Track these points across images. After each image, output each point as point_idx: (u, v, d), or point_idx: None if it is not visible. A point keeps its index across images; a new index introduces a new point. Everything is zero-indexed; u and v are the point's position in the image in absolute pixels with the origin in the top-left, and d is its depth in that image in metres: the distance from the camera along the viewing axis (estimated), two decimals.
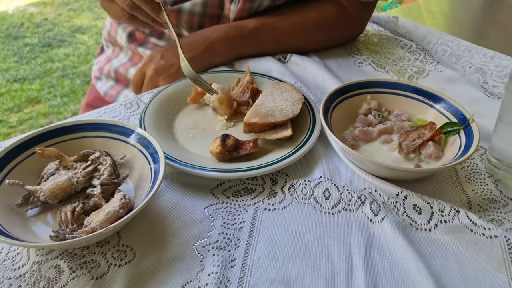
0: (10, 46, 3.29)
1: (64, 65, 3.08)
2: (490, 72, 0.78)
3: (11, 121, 2.56)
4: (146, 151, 0.52)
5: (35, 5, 3.89)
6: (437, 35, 0.88)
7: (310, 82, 0.75)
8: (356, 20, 0.85)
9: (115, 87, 0.95)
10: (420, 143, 0.59)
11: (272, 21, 0.79)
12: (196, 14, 0.81)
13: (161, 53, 0.78)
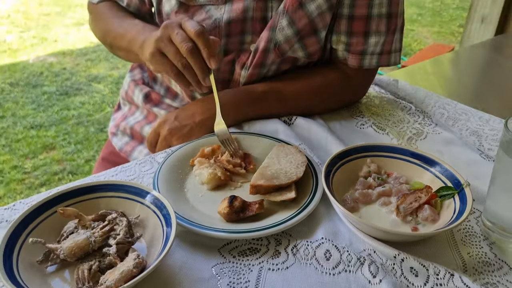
0: (29, 94, 3.43)
1: (79, 113, 3.19)
2: (485, 136, 0.82)
3: (26, 167, 2.63)
4: (159, 213, 0.56)
5: (55, 55, 4.08)
6: (435, 98, 0.94)
7: (314, 144, 0.79)
8: (358, 86, 0.91)
9: (130, 143, 1.01)
10: (417, 206, 0.62)
11: (279, 85, 0.85)
12: None
13: (176, 115, 0.83)
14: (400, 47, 0.91)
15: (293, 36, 0.83)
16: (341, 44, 0.86)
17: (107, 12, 0.94)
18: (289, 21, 0.81)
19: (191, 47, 0.68)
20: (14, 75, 3.72)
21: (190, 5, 0.84)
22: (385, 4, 0.83)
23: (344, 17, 0.83)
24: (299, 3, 0.80)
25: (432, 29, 4.44)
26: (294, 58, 0.87)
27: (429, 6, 5.03)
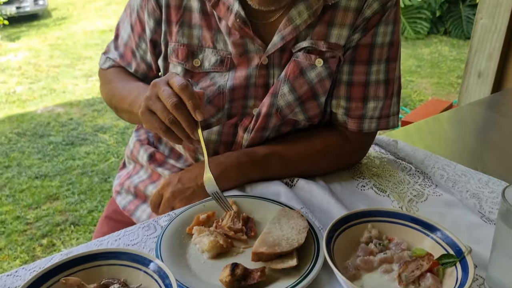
0: (36, 144, 3.48)
1: (84, 162, 3.22)
2: (485, 198, 0.83)
3: (29, 218, 2.63)
4: (162, 282, 0.57)
5: (62, 106, 4.18)
6: (434, 159, 0.95)
7: (315, 207, 0.80)
8: (358, 148, 0.93)
9: (134, 201, 1.02)
10: (419, 274, 0.62)
11: (281, 148, 0.87)
12: (212, 142, 0.90)
13: (179, 177, 0.85)
14: (398, 110, 0.93)
15: (294, 101, 0.86)
16: (340, 108, 0.89)
17: (115, 77, 0.98)
18: (290, 88, 0.85)
19: (176, 101, 0.69)
20: (22, 125, 3.79)
21: (195, 72, 0.87)
22: (382, 71, 0.86)
23: (343, 83, 0.87)
24: (299, 71, 0.84)
25: (431, 80, 4.54)
26: (295, 120, 0.90)
27: (427, 58, 5.17)
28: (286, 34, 0.82)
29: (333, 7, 0.82)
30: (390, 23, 0.85)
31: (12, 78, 4.90)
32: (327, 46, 0.83)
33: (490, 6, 1.94)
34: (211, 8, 0.83)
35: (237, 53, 0.85)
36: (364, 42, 0.84)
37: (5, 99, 4.34)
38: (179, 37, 0.87)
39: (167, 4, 0.86)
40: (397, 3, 0.85)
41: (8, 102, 4.27)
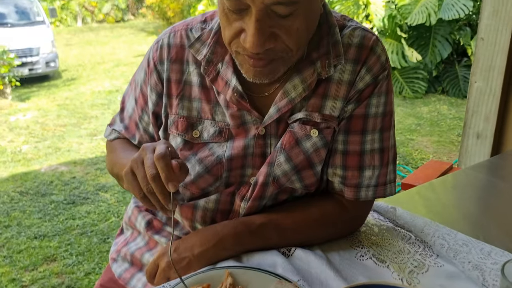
0: (37, 203, 3.48)
1: (84, 222, 3.19)
2: (488, 270, 0.81)
3: (24, 280, 2.57)
4: None
5: (66, 164, 4.21)
6: (434, 227, 0.94)
7: (313, 278, 0.79)
8: (355, 217, 0.92)
9: (130, 269, 1.00)
10: None
11: (277, 217, 0.87)
12: (210, 210, 0.89)
13: (176, 246, 0.84)
14: (395, 178, 0.94)
15: (290, 170, 0.87)
16: (337, 177, 0.89)
17: (119, 147, 1.00)
18: (286, 157, 0.86)
19: (154, 174, 0.70)
20: (25, 184, 3.81)
21: (194, 143, 0.89)
22: (376, 140, 0.88)
23: (339, 152, 0.88)
24: (295, 141, 0.86)
25: (432, 139, 4.58)
26: (292, 189, 0.90)
27: (426, 117, 5.25)
28: (282, 106, 0.85)
29: (326, 80, 0.85)
30: (383, 94, 0.87)
31: (19, 137, 4.99)
32: (321, 118, 0.85)
33: (483, 69, 2.00)
34: (210, 83, 0.87)
35: (235, 125, 0.87)
36: (358, 113, 0.86)
37: (11, 157, 4.39)
38: (179, 109, 0.90)
39: (168, 79, 0.90)
40: (389, 75, 0.88)
41: (13, 160, 4.32)
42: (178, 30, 0.91)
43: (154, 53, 0.92)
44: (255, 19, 0.70)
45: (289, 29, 0.73)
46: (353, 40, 0.85)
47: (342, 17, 0.89)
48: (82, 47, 11.89)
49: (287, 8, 0.70)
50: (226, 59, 0.86)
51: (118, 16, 17.35)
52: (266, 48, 0.73)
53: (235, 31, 0.74)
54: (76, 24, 16.69)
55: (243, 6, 0.71)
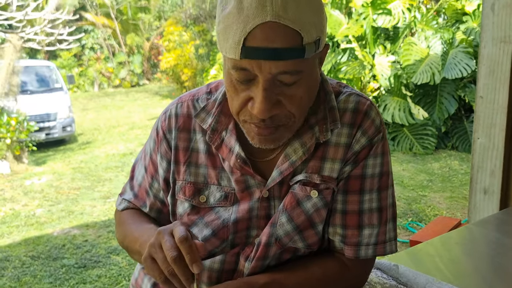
0: (48, 267, 3.47)
1: (95, 286, 3.17)
2: None
3: None
4: None
5: (78, 228, 4.24)
6: (437, 285, 0.95)
7: None
8: (357, 275, 0.93)
9: None
10: None
11: (280, 277, 0.89)
12: (215, 270, 0.92)
13: None
14: (395, 236, 0.96)
15: (293, 231, 0.90)
16: (337, 236, 0.92)
17: (129, 218, 1.02)
18: (288, 218, 0.89)
19: (175, 256, 0.72)
20: (37, 248, 3.83)
21: (201, 207, 0.93)
22: (375, 199, 0.91)
23: (338, 211, 0.91)
24: (296, 202, 0.89)
25: (444, 194, 4.54)
26: (295, 248, 0.93)
27: (438, 173, 5.24)
28: (284, 169, 0.89)
29: (325, 144, 0.90)
30: (379, 155, 0.91)
31: (33, 201, 5.07)
32: (320, 179, 0.89)
33: (485, 126, 2.05)
34: (216, 150, 0.92)
35: (240, 189, 0.91)
36: (355, 174, 0.90)
37: (24, 221, 4.44)
38: (186, 175, 0.94)
39: (176, 147, 0.95)
40: (384, 137, 0.93)
41: (26, 224, 4.37)
42: (185, 101, 0.98)
43: (162, 123, 0.98)
44: (262, 88, 0.75)
45: (293, 97, 0.79)
46: (348, 105, 0.91)
47: (337, 84, 0.96)
48: (98, 111, 12.32)
49: (292, 77, 0.77)
50: (229, 127, 0.92)
51: (134, 81, 18.07)
52: (272, 114, 0.78)
53: (243, 100, 0.79)
54: (93, 90, 17.39)
55: (251, 76, 0.76)
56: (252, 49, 0.72)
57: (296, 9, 0.73)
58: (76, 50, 17.83)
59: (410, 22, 6.56)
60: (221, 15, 0.76)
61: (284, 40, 0.72)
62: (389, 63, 6.43)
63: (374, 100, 6.66)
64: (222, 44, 0.76)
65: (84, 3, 18.01)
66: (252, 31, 0.72)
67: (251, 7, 0.71)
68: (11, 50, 6.42)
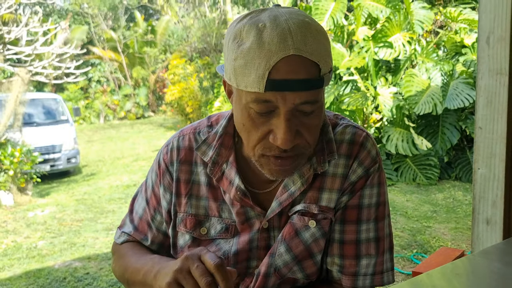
0: None
1: None
2: None
3: None
4: None
5: (80, 260, 4.20)
6: None
7: None
8: None
9: None
10: None
11: None
12: None
13: None
14: (392, 266, 0.96)
15: (291, 261, 0.90)
16: (335, 265, 0.92)
17: (129, 251, 1.00)
18: (287, 248, 0.90)
19: (209, 281, 0.71)
20: (38, 281, 3.78)
21: (202, 239, 0.94)
22: (372, 229, 0.92)
23: (336, 241, 0.92)
24: (295, 232, 0.90)
25: (449, 225, 4.49)
26: (294, 279, 0.93)
27: (442, 203, 5.20)
28: (283, 200, 0.91)
29: (322, 175, 0.92)
30: (375, 185, 0.93)
31: (36, 232, 5.05)
32: (318, 209, 0.90)
33: (485, 157, 2.06)
34: (217, 182, 0.94)
35: (240, 221, 0.92)
36: (352, 204, 0.92)
37: (25, 254, 4.41)
38: (188, 207, 0.95)
39: (178, 179, 0.97)
40: (380, 168, 0.94)
41: (28, 257, 4.33)
42: (186, 134, 0.99)
43: (164, 155, 0.99)
44: (285, 119, 0.77)
45: (310, 126, 0.81)
46: (345, 136, 0.93)
47: (334, 116, 0.98)
48: (103, 143, 12.42)
49: (312, 107, 0.79)
50: (230, 160, 0.93)
51: (139, 113, 18.28)
52: (294, 144, 0.79)
53: (263, 133, 0.80)
54: (99, 122, 17.59)
55: (272, 108, 0.78)
56: (277, 81, 0.75)
57: (313, 42, 0.76)
58: (83, 83, 18.16)
59: (410, 55, 6.67)
60: (237, 51, 0.77)
61: (305, 71, 0.76)
62: (391, 94, 6.50)
63: (377, 131, 6.69)
64: (241, 78, 0.77)
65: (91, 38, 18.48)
66: (276, 65, 0.74)
67: (272, 42, 0.74)
68: (19, 83, 6.56)
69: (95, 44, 18.28)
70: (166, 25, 17.69)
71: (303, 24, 0.77)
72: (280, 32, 0.75)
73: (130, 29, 18.75)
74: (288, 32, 0.75)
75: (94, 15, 18.75)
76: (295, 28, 0.76)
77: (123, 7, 19.65)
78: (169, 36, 18.40)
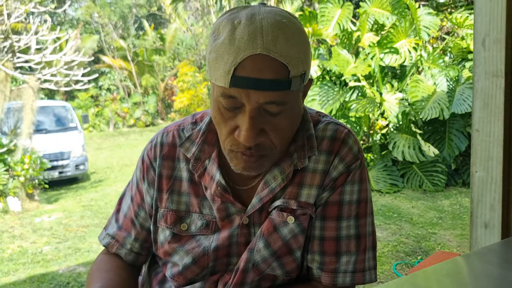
0: None
1: None
2: None
3: None
4: None
5: (84, 265, 4.23)
6: None
7: None
8: None
9: None
10: None
11: None
12: None
13: None
14: (375, 265, 0.95)
15: (270, 257, 0.90)
16: (315, 262, 0.92)
17: (95, 271, 0.98)
18: (265, 243, 0.90)
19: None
20: (42, 286, 3.81)
21: (182, 235, 0.95)
22: (352, 226, 0.91)
23: (316, 238, 0.92)
24: (273, 227, 0.91)
25: (455, 232, 4.43)
26: (274, 276, 0.93)
27: (448, 210, 5.14)
28: (263, 196, 0.91)
29: (302, 170, 0.92)
30: (356, 182, 0.92)
31: (42, 238, 5.10)
32: (297, 205, 0.90)
33: (482, 160, 2.04)
34: (198, 178, 0.94)
35: (220, 217, 0.93)
36: (333, 200, 0.91)
37: (31, 259, 4.45)
38: (169, 203, 0.96)
39: (160, 174, 0.97)
40: (362, 165, 0.94)
41: (33, 262, 4.37)
42: (170, 131, 1.00)
43: (148, 151, 1.01)
44: (249, 116, 0.78)
45: (277, 126, 0.82)
46: (326, 133, 0.94)
47: (317, 113, 0.99)
48: (112, 150, 12.52)
49: (277, 108, 0.80)
50: (212, 156, 0.94)
51: (148, 120, 18.43)
52: (257, 142, 0.81)
53: (230, 128, 0.82)
54: (108, 129, 17.75)
55: (238, 104, 0.79)
56: (241, 78, 0.76)
57: (284, 44, 0.77)
58: (94, 91, 18.38)
59: (416, 61, 6.65)
60: (213, 45, 0.79)
61: (272, 72, 0.76)
62: (397, 100, 6.47)
63: (383, 137, 6.66)
64: (212, 72, 0.79)
65: (102, 47, 18.72)
66: (242, 62, 0.75)
67: (242, 39, 0.75)
68: (28, 91, 6.66)
69: (105, 53, 18.51)
70: (175, 33, 17.87)
71: (278, 24, 0.77)
72: (252, 30, 0.76)
73: (140, 38, 18.97)
74: (259, 31, 0.76)
75: (104, 24, 19.01)
76: (268, 28, 0.76)
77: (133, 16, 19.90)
78: (178, 44, 18.58)
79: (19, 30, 7.58)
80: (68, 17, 20.96)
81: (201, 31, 16.57)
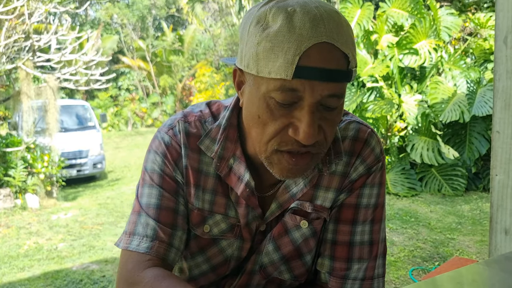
0: None
1: None
2: None
3: None
4: None
5: (97, 263, 4.25)
6: None
7: None
8: None
9: None
10: None
11: None
12: None
13: None
14: (383, 273, 0.90)
15: (278, 260, 0.86)
16: (324, 267, 0.88)
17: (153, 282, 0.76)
18: (275, 246, 0.86)
19: None
20: (55, 282, 3.84)
21: (203, 237, 0.88)
22: (367, 232, 0.86)
23: (328, 241, 0.87)
24: (284, 230, 0.86)
25: (475, 238, 4.30)
26: (281, 280, 0.89)
27: (468, 215, 4.99)
28: (283, 201, 0.85)
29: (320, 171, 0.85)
30: (376, 185, 0.86)
31: (57, 235, 5.15)
32: (312, 208, 0.85)
33: (503, 162, 1.95)
34: (224, 179, 0.85)
35: (244, 223, 0.86)
36: (349, 202, 0.86)
37: (46, 255, 4.50)
38: (195, 200, 0.85)
39: (186, 166, 0.85)
40: (383, 167, 0.88)
41: (48, 258, 4.41)
42: (192, 121, 0.86)
43: (173, 137, 0.85)
44: (310, 111, 0.69)
45: (332, 122, 0.74)
46: (348, 133, 0.87)
47: None
48: (130, 149, 12.64)
49: (337, 101, 0.72)
50: (237, 154, 0.83)
51: None
52: (316, 140, 0.72)
53: (281, 126, 0.72)
54: (127, 129, 17.95)
55: (296, 99, 0.70)
56: (307, 68, 0.67)
57: (344, 33, 0.70)
58: (113, 91, 18.62)
59: (437, 62, 6.51)
60: (262, 34, 0.69)
61: (336, 62, 0.69)
62: (416, 101, 6.34)
63: (401, 140, 6.53)
64: (264, 64, 0.69)
65: (121, 47, 18.96)
66: (307, 51, 0.67)
67: (304, 27, 0.67)
68: (47, 90, 6.76)
69: (125, 53, 18.75)
70: (194, 34, 17.97)
71: (334, 13, 0.70)
72: (312, 17, 0.68)
73: (158, 39, 19.13)
74: (320, 19, 0.68)
75: (123, 25, 19.25)
76: (326, 16, 0.69)
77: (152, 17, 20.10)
78: (197, 45, 18.68)
79: (40, 31, 7.71)
80: (89, 18, 21.31)
81: (219, 32, 16.61)
